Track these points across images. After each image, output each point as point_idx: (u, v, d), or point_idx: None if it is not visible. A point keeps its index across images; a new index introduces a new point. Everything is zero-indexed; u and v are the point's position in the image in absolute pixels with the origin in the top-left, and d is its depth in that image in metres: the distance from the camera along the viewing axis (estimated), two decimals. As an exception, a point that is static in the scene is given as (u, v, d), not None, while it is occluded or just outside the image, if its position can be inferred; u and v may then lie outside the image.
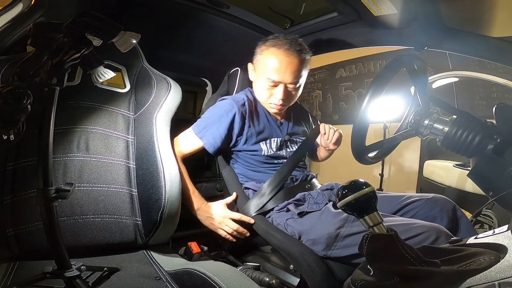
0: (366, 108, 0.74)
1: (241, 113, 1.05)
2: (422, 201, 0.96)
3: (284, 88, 1.02)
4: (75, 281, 0.59)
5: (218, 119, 1.04)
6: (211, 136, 1.04)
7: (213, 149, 1.05)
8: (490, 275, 0.40)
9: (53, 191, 0.59)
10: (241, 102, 1.07)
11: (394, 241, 0.44)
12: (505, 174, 0.67)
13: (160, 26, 1.19)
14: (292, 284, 0.90)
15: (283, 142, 1.12)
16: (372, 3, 0.95)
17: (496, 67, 1.83)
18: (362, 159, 0.85)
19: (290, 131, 1.16)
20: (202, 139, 1.05)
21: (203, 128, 1.05)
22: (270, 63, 1.00)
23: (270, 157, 1.08)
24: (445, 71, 1.76)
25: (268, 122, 1.11)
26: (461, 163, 1.70)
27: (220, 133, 1.03)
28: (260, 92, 1.07)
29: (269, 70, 1.00)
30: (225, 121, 1.03)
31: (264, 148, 1.08)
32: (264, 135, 1.09)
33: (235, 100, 1.07)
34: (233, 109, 1.04)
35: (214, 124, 1.04)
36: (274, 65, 0.99)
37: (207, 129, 1.05)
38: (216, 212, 1.02)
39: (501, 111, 0.71)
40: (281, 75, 1.00)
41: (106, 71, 0.73)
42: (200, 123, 1.07)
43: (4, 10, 0.92)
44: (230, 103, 1.06)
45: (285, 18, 1.25)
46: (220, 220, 1.01)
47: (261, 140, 1.08)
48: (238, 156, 1.11)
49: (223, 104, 1.08)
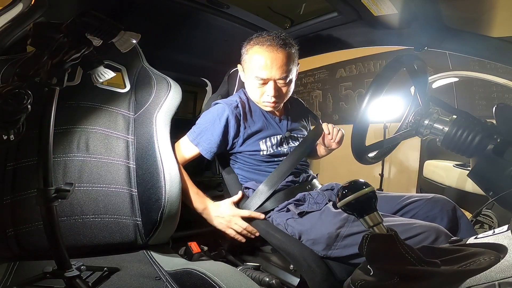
0: (366, 108, 0.74)
1: (235, 115, 1.04)
2: (422, 201, 0.96)
3: (274, 85, 1.00)
4: (75, 281, 0.59)
5: (212, 124, 1.03)
6: (206, 142, 1.03)
7: (210, 155, 1.04)
8: (490, 275, 0.40)
9: (53, 191, 0.59)
10: (234, 104, 1.06)
11: (394, 241, 0.44)
12: (505, 174, 0.67)
13: (160, 26, 1.19)
14: (292, 284, 0.90)
15: (283, 138, 1.11)
16: (372, 3, 0.95)
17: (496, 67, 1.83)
18: (362, 159, 0.85)
19: (290, 127, 1.15)
20: (197, 146, 1.04)
21: (197, 135, 1.05)
22: (255, 61, 0.99)
23: (270, 155, 1.08)
24: (445, 71, 1.76)
25: (266, 120, 1.10)
26: (461, 163, 1.70)
27: (215, 138, 1.03)
28: (251, 91, 1.06)
29: (256, 68, 0.99)
30: (219, 126, 1.02)
31: (264, 147, 1.07)
32: (263, 134, 1.08)
33: (228, 103, 1.06)
34: (225, 112, 1.03)
35: (208, 130, 1.03)
36: (260, 62, 0.98)
37: (202, 136, 1.04)
38: (224, 211, 1.00)
39: (501, 111, 0.71)
40: (268, 72, 0.98)
41: (106, 71, 0.73)
42: (194, 130, 1.06)
43: (4, 10, 0.92)
44: (222, 107, 1.05)
45: (285, 18, 1.26)
46: (229, 219, 0.99)
47: (260, 139, 1.07)
48: (237, 157, 1.10)
49: (215, 109, 1.07)
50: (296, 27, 1.26)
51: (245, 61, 1.06)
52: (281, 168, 1.04)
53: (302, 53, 1.08)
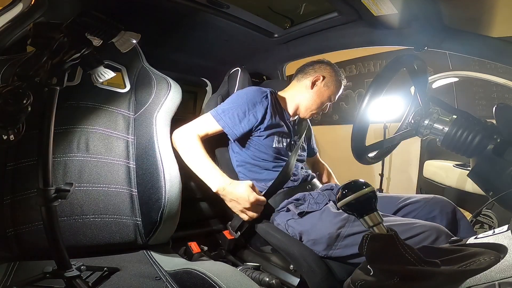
0: (366, 108, 0.74)
1: (266, 103, 1.10)
2: (422, 203, 0.96)
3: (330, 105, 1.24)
4: (75, 281, 0.59)
5: (242, 104, 1.08)
6: (231, 120, 1.06)
7: (231, 133, 1.06)
8: (490, 275, 0.40)
9: (53, 191, 0.59)
10: (265, 93, 1.12)
11: (394, 241, 0.44)
12: (505, 174, 0.67)
13: (160, 26, 1.19)
14: (292, 284, 0.90)
15: (291, 141, 1.16)
16: (372, 3, 0.95)
17: (496, 67, 1.83)
18: (362, 159, 0.85)
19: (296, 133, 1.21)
20: (219, 122, 1.06)
21: (221, 112, 1.07)
22: (337, 89, 1.22)
23: (277, 150, 1.10)
24: (445, 71, 1.76)
25: (285, 120, 1.17)
26: (461, 163, 1.70)
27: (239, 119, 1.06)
28: (316, 101, 1.19)
29: (334, 93, 1.21)
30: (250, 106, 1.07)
31: (276, 141, 1.11)
32: (281, 129, 1.13)
33: (260, 90, 1.13)
34: (258, 96, 1.10)
35: (234, 109, 1.07)
36: (337, 92, 1.23)
37: (226, 114, 1.06)
38: (245, 195, 0.96)
39: (501, 111, 0.71)
40: (334, 99, 1.24)
41: (106, 71, 0.73)
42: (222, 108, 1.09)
43: (4, 10, 0.92)
44: (254, 90, 1.12)
45: (285, 18, 1.25)
46: (248, 205, 0.95)
47: (276, 133, 1.11)
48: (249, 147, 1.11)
49: (247, 91, 1.13)
50: (296, 27, 1.26)
51: (328, 80, 1.20)
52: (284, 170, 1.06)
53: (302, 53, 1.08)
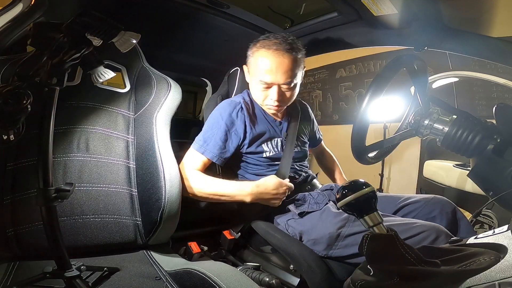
0: (366, 108, 0.74)
1: (240, 117, 1.02)
2: (422, 203, 0.96)
3: (278, 89, 0.98)
4: (75, 281, 0.59)
5: (218, 129, 1.01)
6: (215, 148, 1.00)
7: (220, 161, 1.01)
8: (490, 275, 0.40)
9: (53, 191, 0.59)
10: (238, 107, 1.05)
11: (394, 241, 0.44)
12: (505, 174, 0.67)
13: (160, 26, 1.19)
14: (292, 284, 0.90)
15: (283, 142, 1.10)
16: (372, 3, 0.95)
17: (496, 67, 1.83)
18: (362, 159, 0.85)
19: (288, 131, 1.13)
20: (204, 154, 1.00)
21: (203, 143, 1.01)
22: (261, 65, 0.97)
23: (270, 158, 1.06)
24: (445, 71, 1.76)
25: (268, 123, 1.09)
26: (461, 163, 1.70)
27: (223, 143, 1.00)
28: (255, 94, 1.05)
29: (260, 71, 0.98)
30: (224, 129, 1.01)
31: (267, 149, 1.06)
32: (266, 136, 1.06)
33: (232, 105, 1.05)
34: (231, 115, 1.02)
35: (214, 135, 1.01)
36: (265, 66, 0.96)
37: (208, 143, 1.01)
38: (273, 184, 0.96)
39: (501, 111, 0.71)
40: (273, 76, 0.96)
41: (106, 71, 0.73)
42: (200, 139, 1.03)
43: (4, 10, 0.92)
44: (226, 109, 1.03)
45: (285, 18, 1.25)
46: (276, 192, 0.95)
47: (263, 141, 1.06)
48: (240, 160, 1.08)
49: (218, 112, 1.05)
50: (296, 27, 1.26)
51: (250, 63, 1.04)
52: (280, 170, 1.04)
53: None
